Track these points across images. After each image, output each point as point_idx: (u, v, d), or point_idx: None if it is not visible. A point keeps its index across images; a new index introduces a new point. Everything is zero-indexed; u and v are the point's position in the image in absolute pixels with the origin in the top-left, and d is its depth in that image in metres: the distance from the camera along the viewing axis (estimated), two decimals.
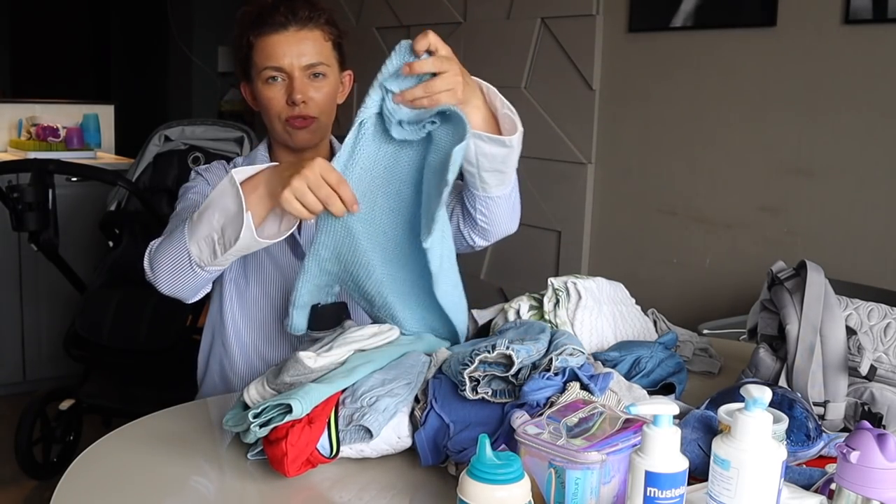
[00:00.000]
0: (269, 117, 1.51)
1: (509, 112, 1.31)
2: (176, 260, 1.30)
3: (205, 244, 1.26)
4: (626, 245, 2.90)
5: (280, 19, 1.46)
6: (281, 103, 1.48)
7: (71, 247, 2.99)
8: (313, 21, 1.48)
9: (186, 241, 1.28)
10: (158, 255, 1.33)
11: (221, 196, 1.23)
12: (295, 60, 1.46)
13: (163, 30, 5.26)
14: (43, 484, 2.77)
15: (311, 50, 1.47)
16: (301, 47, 1.47)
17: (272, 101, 1.48)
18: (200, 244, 1.27)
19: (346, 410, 1.08)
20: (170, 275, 1.32)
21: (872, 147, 2.27)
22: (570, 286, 1.43)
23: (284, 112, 1.48)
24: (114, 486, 1.06)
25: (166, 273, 1.32)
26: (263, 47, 1.47)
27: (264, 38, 1.47)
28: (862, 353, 1.22)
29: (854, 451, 0.83)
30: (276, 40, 1.46)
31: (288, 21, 1.46)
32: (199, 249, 1.27)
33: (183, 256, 1.29)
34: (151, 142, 3.01)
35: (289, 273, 1.52)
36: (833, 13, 2.30)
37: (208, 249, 1.26)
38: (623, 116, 2.86)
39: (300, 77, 1.47)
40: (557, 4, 2.99)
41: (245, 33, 1.49)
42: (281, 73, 1.47)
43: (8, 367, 3.47)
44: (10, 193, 2.49)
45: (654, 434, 0.82)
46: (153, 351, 2.63)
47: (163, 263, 1.32)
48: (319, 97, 1.49)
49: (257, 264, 1.53)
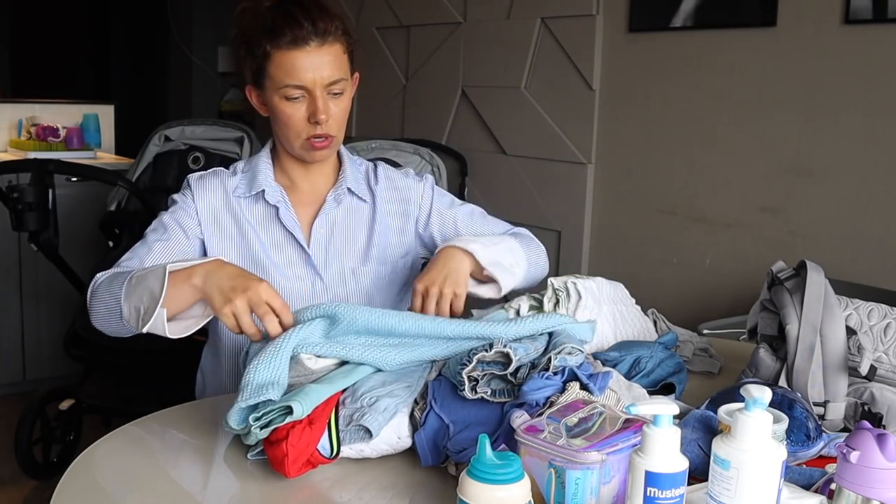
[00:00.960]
0: (286, 134, 1.47)
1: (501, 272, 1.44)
2: (110, 309, 1.32)
3: (133, 311, 1.29)
4: (626, 245, 2.90)
5: (301, 33, 1.39)
6: (302, 122, 1.44)
7: (71, 247, 2.98)
8: (333, 34, 1.42)
9: (121, 299, 1.30)
10: (98, 296, 1.35)
11: (154, 277, 1.26)
12: (318, 78, 1.41)
13: (163, 30, 5.26)
14: (43, 484, 2.76)
15: (332, 66, 1.42)
16: (323, 64, 1.41)
17: (293, 118, 1.44)
18: (130, 309, 1.29)
19: (347, 410, 1.08)
20: (104, 319, 1.34)
21: (872, 147, 2.27)
22: (570, 286, 1.43)
23: (306, 131, 1.45)
24: (114, 486, 1.06)
25: (101, 315, 1.35)
26: (283, 62, 1.41)
27: (284, 53, 1.40)
28: (862, 353, 1.22)
29: (854, 451, 0.83)
30: (297, 56, 1.40)
31: (309, 36, 1.39)
32: (129, 313, 1.30)
33: (116, 310, 1.31)
34: (151, 142, 3.01)
35: (294, 277, 1.51)
36: (833, 13, 2.30)
37: (135, 317, 1.29)
38: (623, 116, 2.86)
39: (322, 96, 1.42)
40: (557, 4, 2.99)
41: (260, 41, 1.42)
42: (302, 90, 1.42)
43: (8, 367, 3.47)
44: (10, 193, 2.49)
45: (654, 434, 0.82)
46: (153, 351, 2.62)
47: (100, 305, 1.34)
48: (338, 113, 1.46)
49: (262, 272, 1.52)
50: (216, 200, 1.52)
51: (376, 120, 3.70)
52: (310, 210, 1.54)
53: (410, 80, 3.65)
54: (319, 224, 1.52)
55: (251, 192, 1.51)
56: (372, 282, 1.55)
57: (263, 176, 1.53)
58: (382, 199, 1.57)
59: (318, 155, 1.49)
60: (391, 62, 3.71)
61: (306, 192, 1.55)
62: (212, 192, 1.53)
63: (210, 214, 1.52)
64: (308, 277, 1.52)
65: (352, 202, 1.56)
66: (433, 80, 3.53)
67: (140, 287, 1.28)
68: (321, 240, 1.52)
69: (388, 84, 3.70)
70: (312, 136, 1.45)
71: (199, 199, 1.52)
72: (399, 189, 1.59)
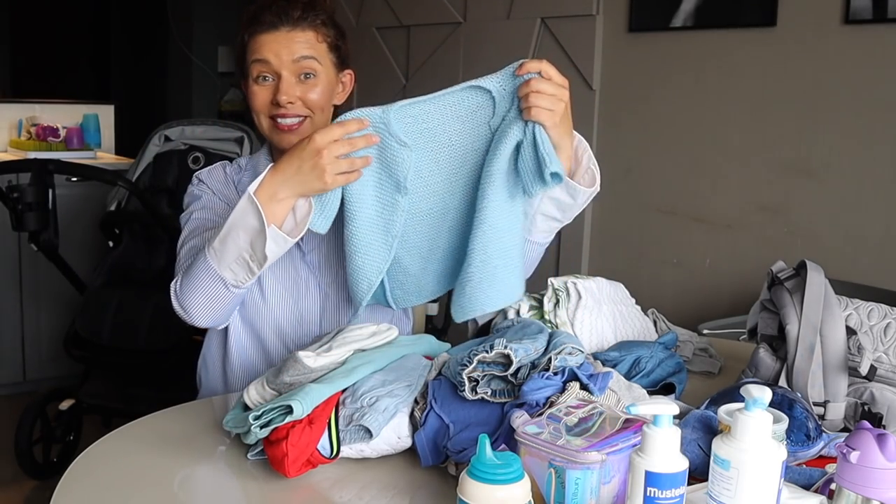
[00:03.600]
0: (255, 115, 1.50)
1: (592, 167, 1.38)
2: (210, 291, 1.33)
3: (237, 266, 1.30)
4: (626, 245, 2.90)
5: (272, 19, 1.44)
6: (265, 101, 1.46)
7: (71, 247, 2.99)
8: (306, 21, 1.46)
9: (216, 269, 1.31)
10: (188, 294, 1.35)
11: (243, 216, 1.26)
12: (284, 58, 1.44)
13: (163, 30, 5.26)
14: (43, 484, 2.76)
15: (300, 49, 1.45)
16: (291, 47, 1.44)
17: (257, 97, 1.47)
18: (233, 267, 1.30)
19: (347, 410, 1.08)
20: (207, 308, 1.35)
21: (872, 147, 2.27)
22: (570, 286, 1.43)
23: (267, 110, 1.47)
24: (114, 486, 1.06)
25: (202, 307, 1.35)
26: (253, 46, 1.46)
27: (256, 37, 1.45)
28: (862, 353, 1.22)
29: (854, 451, 0.83)
30: (265, 39, 1.44)
31: (280, 21, 1.44)
32: (234, 272, 1.30)
33: (217, 285, 1.32)
34: (151, 142, 3.01)
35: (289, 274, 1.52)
36: (833, 13, 2.30)
37: (243, 270, 1.30)
38: (623, 116, 2.86)
39: (287, 77, 1.45)
40: (557, 4, 2.99)
41: (242, 33, 1.49)
42: (271, 71, 1.45)
43: (8, 367, 3.47)
44: (10, 193, 2.49)
45: (654, 434, 0.82)
46: (153, 351, 2.63)
47: (196, 299, 1.34)
48: (313, 97, 1.47)
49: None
50: (228, 186, 1.55)
51: None
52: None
53: (410, 80, 3.65)
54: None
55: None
56: None
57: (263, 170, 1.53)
58: None
59: (286, 138, 1.48)
60: (391, 62, 3.71)
61: None
62: (219, 181, 1.55)
63: (225, 195, 1.54)
64: (302, 274, 1.52)
65: None
66: (433, 80, 3.53)
67: (231, 238, 1.28)
68: (317, 236, 1.52)
69: (388, 84, 3.70)
70: (276, 115, 1.46)
71: (213, 186, 1.55)
72: None
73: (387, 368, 1.17)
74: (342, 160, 1.25)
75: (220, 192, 1.54)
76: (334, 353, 1.15)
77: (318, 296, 1.52)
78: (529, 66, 1.26)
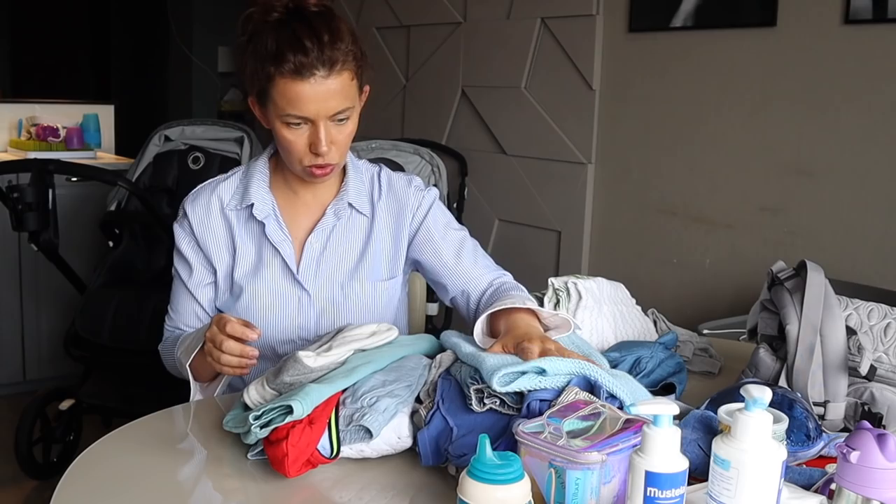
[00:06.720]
0: (287, 157, 1.44)
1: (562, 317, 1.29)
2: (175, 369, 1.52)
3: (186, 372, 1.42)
4: (626, 245, 2.90)
5: (306, 61, 1.31)
6: (303, 149, 1.39)
7: (71, 247, 2.98)
8: (341, 62, 1.34)
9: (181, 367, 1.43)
10: (166, 362, 1.57)
11: (184, 366, 1.40)
12: (322, 110, 1.35)
13: (163, 30, 5.26)
14: (43, 484, 2.76)
15: (339, 97, 1.35)
16: (329, 96, 1.34)
17: (294, 145, 1.39)
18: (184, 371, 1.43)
19: (347, 410, 1.08)
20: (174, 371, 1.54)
21: (872, 147, 2.27)
22: (570, 286, 1.44)
23: (307, 159, 1.40)
24: (114, 486, 1.06)
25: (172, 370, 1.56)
26: (286, 91, 1.33)
27: (288, 82, 1.33)
28: (862, 353, 1.22)
29: (854, 451, 0.83)
30: (302, 88, 1.32)
31: (314, 65, 1.32)
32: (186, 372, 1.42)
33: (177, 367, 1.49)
34: (151, 142, 3.01)
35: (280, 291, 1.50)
36: (833, 13, 2.30)
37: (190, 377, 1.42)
38: (623, 116, 2.86)
39: (325, 126, 1.37)
40: (557, 4, 2.99)
41: (264, 63, 1.34)
42: (305, 119, 1.37)
43: (8, 367, 3.47)
44: (10, 193, 2.49)
45: (654, 434, 0.82)
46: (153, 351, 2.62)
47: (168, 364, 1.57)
48: (342, 139, 1.41)
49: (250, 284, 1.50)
50: (210, 215, 1.51)
51: (376, 120, 3.70)
52: (309, 220, 1.51)
53: (410, 80, 3.65)
54: (315, 237, 1.49)
55: (242, 206, 1.49)
56: (361, 297, 1.51)
57: (256, 188, 1.49)
58: (381, 214, 1.53)
59: (319, 180, 1.46)
60: (391, 62, 3.71)
61: (308, 202, 1.53)
62: (205, 209, 1.51)
63: (208, 233, 1.51)
64: (295, 292, 1.50)
65: (351, 215, 1.52)
66: (433, 80, 3.53)
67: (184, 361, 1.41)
68: (314, 253, 1.49)
69: (388, 84, 3.70)
70: (313, 166, 1.41)
71: (196, 223, 1.51)
72: (398, 199, 1.53)
73: (387, 368, 1.17)
74: (226, 364, 1.28)
75: (202, 223, 1.50)
76: (334, 353, 1.15)
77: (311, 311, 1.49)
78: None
